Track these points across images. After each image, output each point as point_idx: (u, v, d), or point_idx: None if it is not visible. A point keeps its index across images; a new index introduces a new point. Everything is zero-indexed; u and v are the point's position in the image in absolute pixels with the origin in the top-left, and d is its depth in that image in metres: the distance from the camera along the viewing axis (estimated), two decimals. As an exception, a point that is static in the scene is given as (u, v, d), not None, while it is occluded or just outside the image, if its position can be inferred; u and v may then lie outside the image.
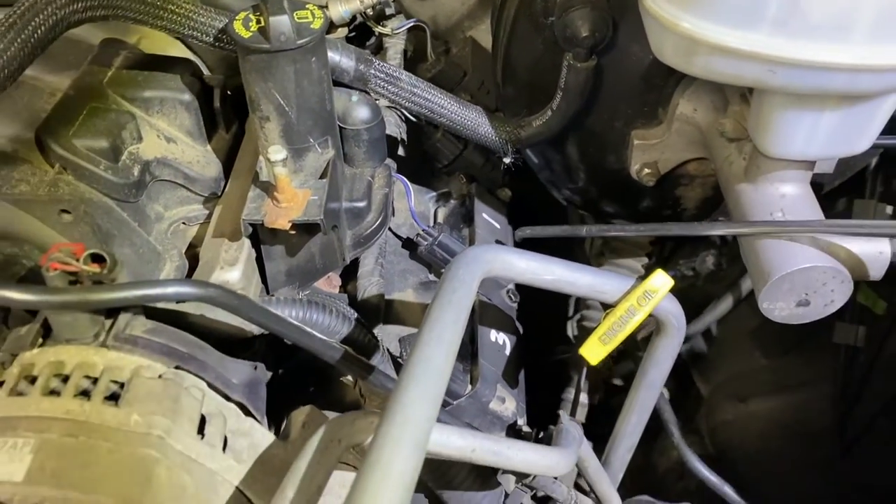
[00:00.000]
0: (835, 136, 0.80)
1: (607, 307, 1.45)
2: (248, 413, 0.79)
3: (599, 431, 1.18)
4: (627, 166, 1.08)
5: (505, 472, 0.98)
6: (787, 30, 0.69)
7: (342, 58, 1.01)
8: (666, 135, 1.02)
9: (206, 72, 1.15)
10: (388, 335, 1.05)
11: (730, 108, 0.92)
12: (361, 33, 1.44)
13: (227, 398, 0.78)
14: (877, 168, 1.17)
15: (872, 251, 0.82)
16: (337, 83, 1.01)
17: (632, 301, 0.87)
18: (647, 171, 1.06)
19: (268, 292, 0.99)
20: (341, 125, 1.02)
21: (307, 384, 1.08)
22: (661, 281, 0.87)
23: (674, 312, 0.92)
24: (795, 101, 0.77)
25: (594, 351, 0.88)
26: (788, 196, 0.87)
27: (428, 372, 0.60)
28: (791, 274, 0.82)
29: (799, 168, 0.86)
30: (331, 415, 0.85)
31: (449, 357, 0.64)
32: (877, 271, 0.83)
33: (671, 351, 0.96)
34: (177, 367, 0.75)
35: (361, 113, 1.02)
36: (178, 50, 1.19)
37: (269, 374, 0.96)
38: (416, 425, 0.55)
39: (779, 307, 0.85)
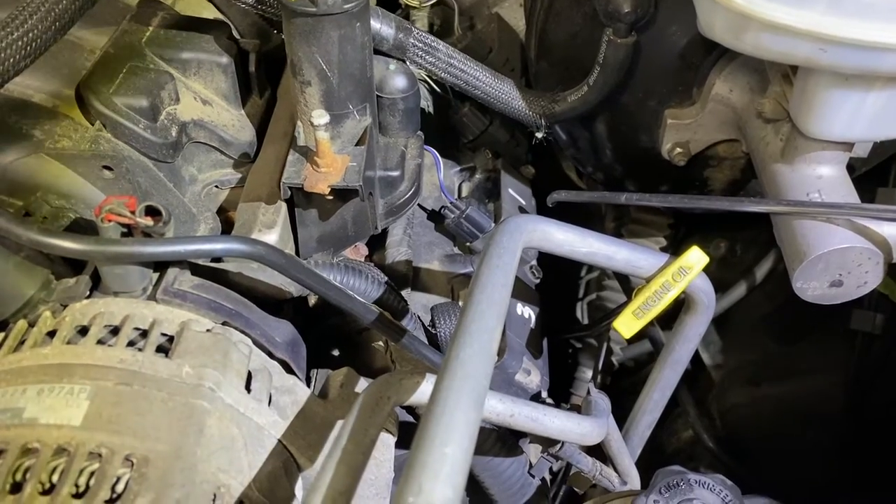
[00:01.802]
0: (878, 119, 0.80)
1: (626, 288, 1.47)
2: (290, 371, 0.80)
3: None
4: (659, 145, 1.08)
5: (531, 440, 1.00)
6: (842, 8, 0.70)
7: (382, 25, 1.02)
8: (699, 115, 1.03)
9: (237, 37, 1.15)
10: (415, 304, 1.06)
11: (770, 88, 0.92)
12: (387, 5, 1.44)
13: (271, 355, 0.78)
14: (903, 156, 1.18)
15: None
16: (375, 51, 1.02)
17: (667, 276, 0.88)
18: (678, 150, 1.07)
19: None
20: (378, 94, 1.02)
21: (332, 350, 1.10)
22: (697, 257, 0.88)
23: (705, 290, 0.93)
24: (842, 81, 0.78)
25: (628, 325, 0.89)
26: (825, 177, 0.88)
27: (482, 330, 0.61)
28: (827, 254, 0.83)
29: (837, 150, 0.87)
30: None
31: (499, 318, 0.65)
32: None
33: (699, 329, 0.97)
34: (223, 323, 0.76)
35: (398, 82, 1.03)
36: (210, 13, 1.19)
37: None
38: (475, 380, 0.56)
39: (812, 287, 0.87)
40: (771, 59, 0.85)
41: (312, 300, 1.03)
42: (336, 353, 1.09)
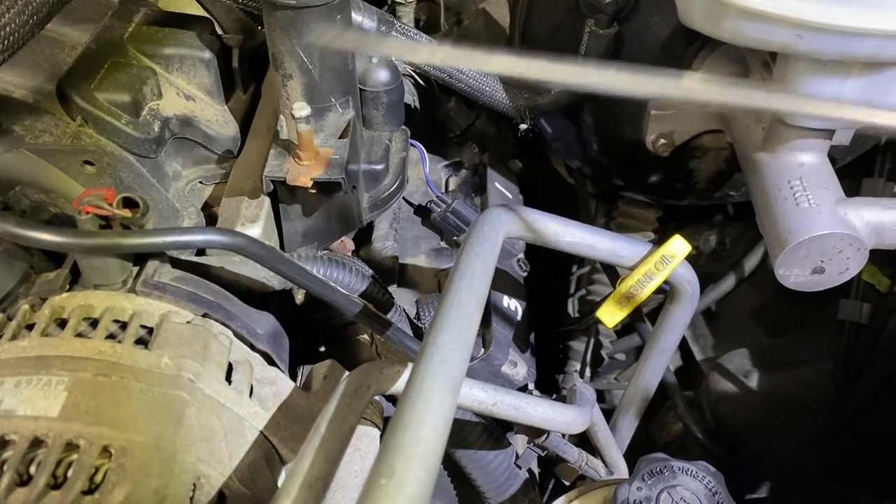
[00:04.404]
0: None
1: (614, 281, 1.47)
2: (272, 363, 0.79)
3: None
4: (643, 137, 1.08)
5: (517, 432, 1.00)
6: (818, -7, 0.70)
7: (364, 18, 1.02)
8: (683, 105, 1.03)
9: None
10: (401, 298, 1.06)
11: (751, 76, 0.93)
12: (374, 2, 1.44)
13: (253, 347, 0.78)
14: (886, 146, 1.18)
15: (890, 219, 0.84)
16: (358, 45, 1.02)
17: (649, 265, 0.88)
18: (662, 141, 1.07)
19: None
20: (361, 87, 1.02)
21: (318, 345, 1.09)
22: (679, 246, 0.88)
23: (689, 279, 0.93)
24: (820, 67, 0.78)
25: (611, 314, 0.89)
26: (807, 165, 0.88)
27: (460, 317, 0.61)
28: (808, 240, 0.83)
29: (818, 137, 0.87)
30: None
31: (479, 306, 0.65)
32: (893, 239, 0.85)
33: (684, 318, 0.97)
34: (204, 315, 0.75)
35: (381, 75, 1.03)
36: (194, 10, 1.19)
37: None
38: (451, 365, 0.56)
39: (794, 274, 0.87)
40: (749, 47, 0.85)
41: (299, 297, 1.03)
42: (322, 348, 1.09)
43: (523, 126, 1.13)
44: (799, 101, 0.74)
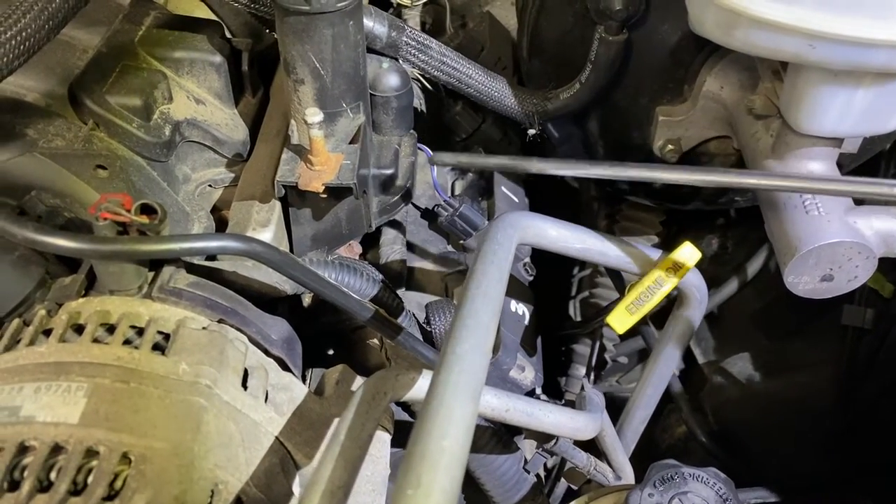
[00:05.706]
0: (867, 114, 0.81)
1: (618, 285, 1.47)
2: (286, 368, 0.80)
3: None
4: (650, 142, 1.09)
5: (526, 436, 1.00)
6: (830, 4, 0.71)
7: (375, 24, 1.02)
8: (691, 112, 1.04)
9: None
10: (409, 302, 1.07)
11: (761, 84, 0.93)
12: (378, 4, 1.45)
13: (267, 353, 0.79)
14: (890, 152, 1.19)
15: (898, 227, 0.85)
16: (368, 49, 1.02)
17: (660, 272, 0.89)
18: (670, 147, 1.07)
19: (292, 256, 1.00)
20: (371, 92, 1.02)
21: (326, 349, 1.10)
22: (689, 253, 0.88)
23: (697, 285, 0.94)
24: (831, 77, 0.78)
25: (621, 320, 0.90)
26: (815, 173, 0.89)
27: (478, 325, 0.61)
28: (818, 248, 0.83)
29: (827, 145, 0.88)
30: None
31: (495, 313, 0.65)
32: (902, 248, 0.85)
33: (691, 324, 0.98)
34: (219, 321, 0.76)
35: (391, 80, 1.03)
36: (203, 13, 1.19)
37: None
38: (471, 374, 0.56)
39: (803, 281, 0.87)
40: (761, 56, 0.86)
41: (307, 300, 1.03)
42: (331, 352, 1.09)
43: (531, 131, 1.13)
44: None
